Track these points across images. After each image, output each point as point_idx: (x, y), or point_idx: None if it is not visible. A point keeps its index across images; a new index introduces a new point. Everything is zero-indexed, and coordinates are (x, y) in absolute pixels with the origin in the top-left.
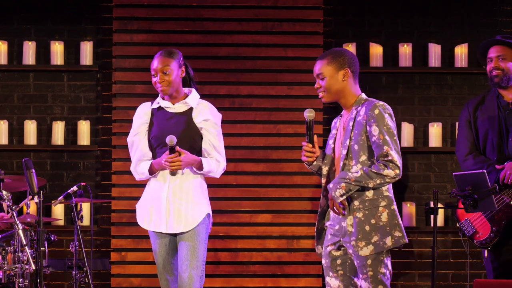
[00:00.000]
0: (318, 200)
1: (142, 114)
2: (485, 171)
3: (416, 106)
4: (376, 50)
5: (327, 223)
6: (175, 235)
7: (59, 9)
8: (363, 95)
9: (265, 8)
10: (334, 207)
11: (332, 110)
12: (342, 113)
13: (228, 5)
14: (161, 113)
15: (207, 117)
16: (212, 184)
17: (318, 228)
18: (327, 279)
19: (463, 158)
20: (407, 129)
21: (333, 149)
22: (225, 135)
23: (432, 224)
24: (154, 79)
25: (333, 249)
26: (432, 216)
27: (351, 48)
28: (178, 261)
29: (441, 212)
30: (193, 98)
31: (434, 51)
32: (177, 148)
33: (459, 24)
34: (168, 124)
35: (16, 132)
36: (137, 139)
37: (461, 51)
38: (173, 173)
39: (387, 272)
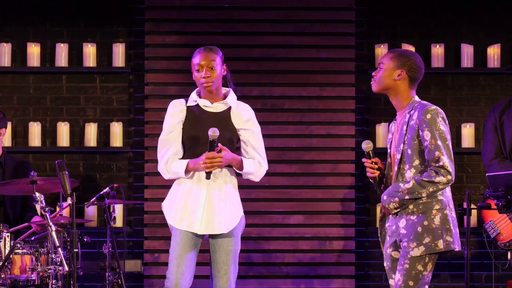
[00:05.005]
0: (350, 202)
1: (177, 112)
2: None
3: (449, 107)
4: None
5: (386, 225)
6: (203, 236)
7: (91, 12)
8: (416, 98)
9: (297, 9)
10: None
11: (365, 111)
12: (396, 116)
13: (260, 7)
14: (198, 111)
15: (249, 117)
16: (244, 185)
17: (381, 231)
18: (390, 281)
19: (488, 163)
20: None
21: (389, 153)
22: None
23: (465, 225)
24: (197, 74)
25: (392, 251)
26: (465, 217)
27: (383, 48)
28: (212, 263)
29: (474, 213)
30: (232, 98)
31: (467, 52)
32: (219, 144)
33: (492, 25)
34: (206, 124)
35: (49, 133)
36: (171, 138)
37: (493, 52)
38: (208, 176)
39: (424, 273)
